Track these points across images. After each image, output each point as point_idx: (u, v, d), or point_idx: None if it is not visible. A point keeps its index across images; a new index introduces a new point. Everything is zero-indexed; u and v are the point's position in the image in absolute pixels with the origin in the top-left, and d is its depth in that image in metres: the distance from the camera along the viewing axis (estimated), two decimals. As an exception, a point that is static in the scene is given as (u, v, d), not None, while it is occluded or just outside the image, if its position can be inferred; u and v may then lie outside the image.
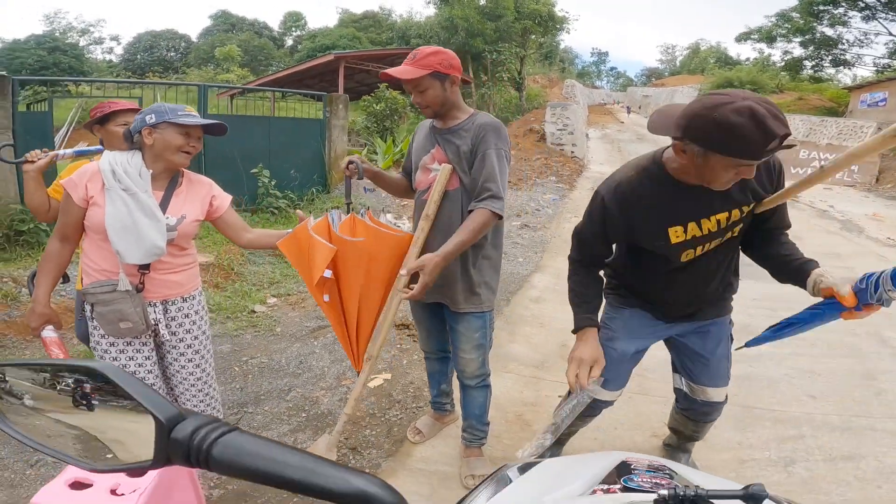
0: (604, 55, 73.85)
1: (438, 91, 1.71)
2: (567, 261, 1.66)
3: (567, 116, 12.11)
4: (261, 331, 3.48)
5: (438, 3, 25.58)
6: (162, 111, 1.59)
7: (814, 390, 2.69)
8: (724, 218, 1.39)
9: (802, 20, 21.18)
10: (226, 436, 0.43)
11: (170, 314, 1.73)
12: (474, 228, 1.65)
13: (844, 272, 4.66)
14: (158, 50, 38.53)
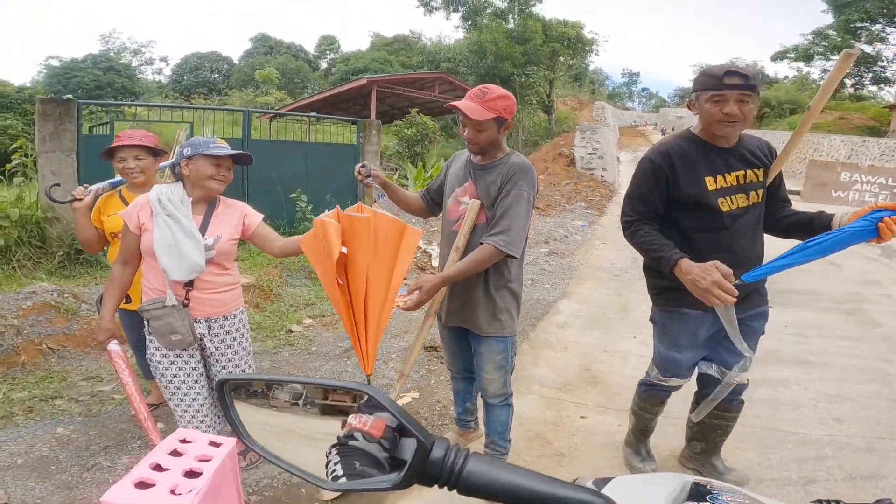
0: (635, 76, 73.10)
1: (493, 134, 1.82)
2: (621, 229, 1.87)
3: (597, 140, 12.00)
4: (297, 349, 3.66)
5: (467, 27, 26.20)
6: (196, 144, 1.83)
7: (839, 413, 2.70)
8: (741, 175, 1.76)
9: (839, 38, 20.64)
10: (470, 458, 0.46)
11: (213, 330, 1.93)
12: (477, 260, 1.78)
13: (883, 298, 4.57)
14: (203, 71, 40.19)
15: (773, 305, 4.42)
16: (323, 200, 6.15)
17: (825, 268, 5.86)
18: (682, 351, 1.92)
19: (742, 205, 1.77)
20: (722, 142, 1.76)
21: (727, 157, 1.76)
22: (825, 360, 3.38)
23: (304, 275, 5.08)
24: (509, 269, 1.90)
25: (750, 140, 1.84)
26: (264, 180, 5.75)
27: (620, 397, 2.90)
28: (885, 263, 6.21)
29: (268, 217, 6.19)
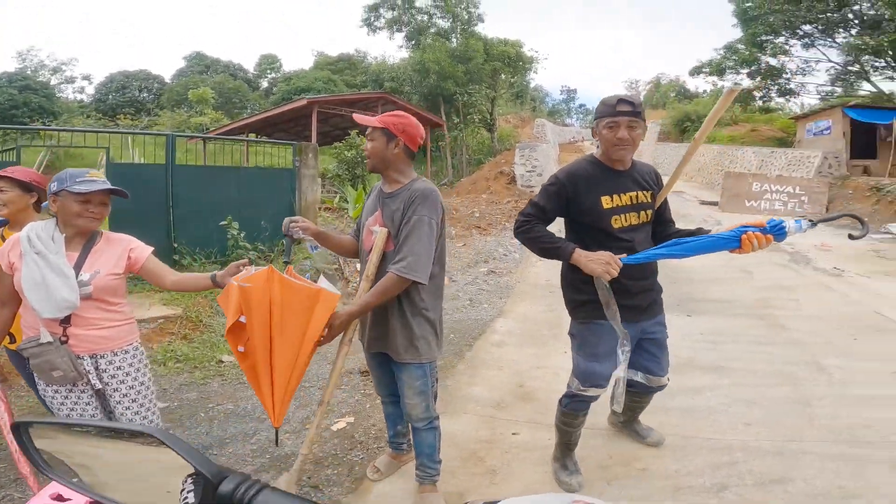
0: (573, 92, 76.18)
1: (380, 146, 1.89)
2: (515, 226, 2.09)
3: (536, 157, 12.44)
4: (228, 379, 3.56)
5: (411, 46, 26.61)
6: (62, 179, 1.76)
7: (749, 418, 2.85)
8: (633, 196, 2.02)
9: (747, 51, 21.83)
10: (262, 492, 0.48)
11: (101, 367, 1.87)
12: (381, 290, 1.82)
13: (790, 303, 4.95)
14: (130, 90, 38.18)
15: (690, 314, 4.74)
16: (257, 227, 5.99)
17: (737, 275, 6.32)
18: (600, 360, 2.07)
19: (633, 223, 2.03)
20: (618, 165, 2.02)
21: (623, 179, 2.03)
22: (737, 365, 3.58)
23: (237, 304, 4.91)
24: (421, 296, 1.93)
25: (642, 166, 2.13)
26: (192, 207, 5.53)
27: (551, 412, 2.89)
28: (793, 269, 6.74)
29: (198, 245, 5.99)
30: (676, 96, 41.62)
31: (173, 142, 5.54)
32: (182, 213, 5.50)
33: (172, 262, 5.43)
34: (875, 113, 14.94)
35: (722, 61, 23.37)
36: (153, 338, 4.14)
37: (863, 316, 4.66)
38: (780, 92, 23.13)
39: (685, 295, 5.16)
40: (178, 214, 5.46)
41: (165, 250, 5.43)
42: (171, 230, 5.43)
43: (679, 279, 5.35)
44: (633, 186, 2.03)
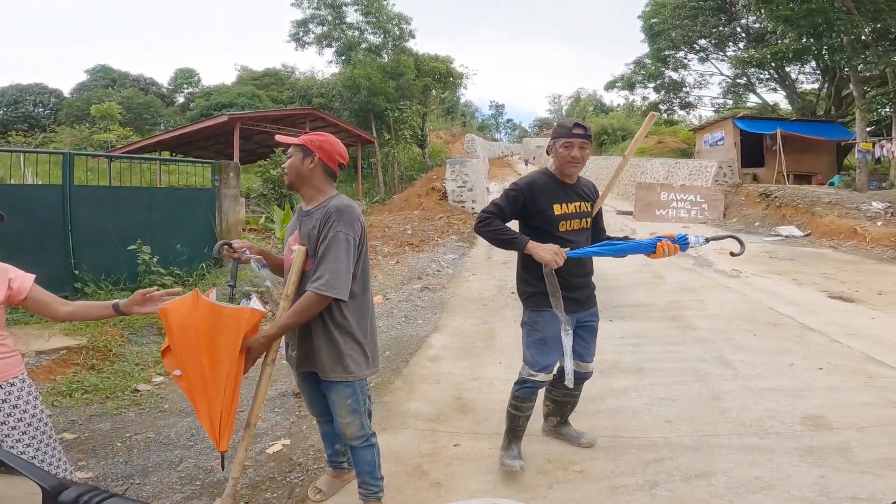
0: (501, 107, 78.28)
1: (297, 162, 1.88)
2: (477, 221, 2.32)
3: (466, 173, 12.65)
4: (146, 408, 3.36)
5: (341, 62, 26.38)
6: None
7: (669, 415, 3.02)
8: (577, 206, 2.37)
9: (653, 66, 23.50)
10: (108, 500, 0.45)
11: None
12: (298, 311, 1.79)
13: (697, 304, 5.35)
14: (24, 105, 34.74)
15: (613, 319, 5.01)
16: (172, 251, 5.59)
17: (652, 280, 6.81)
18: (547, 343, 2.35)
19: (576, 227, 2.38)
20: (568, 179, 2.38)
21: (570, 190, 2.38)
22: (655, 365, 3.79)
23: (152, 332, 4.56)
24: (343, 314, 1.89)
25: (585, 181, 2.49)
26: (96, 231, 5.07)
27: (490, 422, 3.01)
28: (697, 272, 7.35)
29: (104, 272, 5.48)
30: (594, 110, 44.19)
31: (71, 160, 5.05)
32: (83, 237, 5.01)
33: (74, 290, 4.93)
34: (761, 123, 16.72)
35: (632, 76, 25.07)
36: (55, 369, 3.80)
37: (759, 312, 5.13)
38: (682, 105, 25.17)
39: (607, 300, 5.44)
40: (78, 239, 4.97)
41: (64, 278, 4.91)
42: (69, 256, 4.93)
43: (601, 286, 5.61)
44: (577, 198, 2.39)
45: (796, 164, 15.61)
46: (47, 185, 5.00)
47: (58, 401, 3.34)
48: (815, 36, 14.69)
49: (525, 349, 2.43)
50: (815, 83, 20.04)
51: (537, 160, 35.95)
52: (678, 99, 24.94)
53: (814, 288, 6.10)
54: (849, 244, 9.27)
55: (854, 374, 3.47)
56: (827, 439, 2.65)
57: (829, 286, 6.13)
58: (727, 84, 23.39)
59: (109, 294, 5.00)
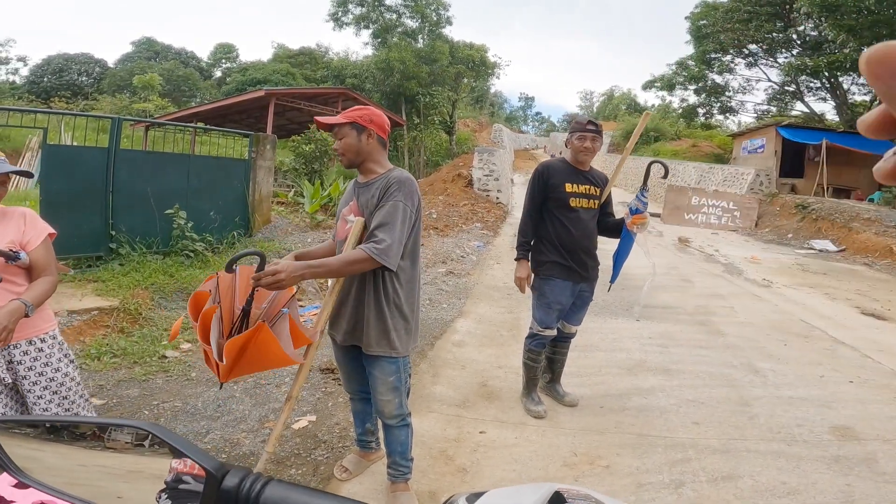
0: (530, 100, 77.44)
1: (353, 140, 1.85)
2: (520, 232, 2.93)
3: (493, 162, 12.51)
4: (173, 376, 3.35)
5: (377, 44, 26.32)
6: None
7: (697, 417, 3.01)
8: (586, 188, 2.84)
9: (697, 68, 22.70)
10: (269, 485, 0.46)
11: (14, 358, 1.72)
12: (346, 260, 1.73)
13: (726, 310, 5.30)
14: (69, 74, 35.60)
15: (639, 319, 4.97)
16: (206, 217, 5.69)
17: (680, 284, 6.70)
18: (552, 307, 2.85)
19: (585, 206, 2.83)
20: (581, 166, 2.87)
21: (582, 175, 2.87)
22: (683, 367, 3.77)
23: (181, 297, 4.63)
24: (395, 287, 1.89)
25: (597, 171, 2.96)
26: (135, 194, 5.18)
27: (515, 411, 3.02)
28: (727, 279, 7.20)
29: (139, 234, 5.62)
30: (627, 109, 43.32)
31: (119, 125, 5.16)
32: (123, 199, 5.13)
33: (109, 249, 5.07)
34: (806, 133, 16.04)
35: (673, 77, 24.28)
36: (85, 331, 3.82)
37: (790, 323, 5.04)
38: (722, 109, 24.33)
39: (633, 300, 5.41)
40: (117, 201, 5.09)
41: (100, 237, 5.05)
42: (108, 217, 5.05)
43: (629, 286, 5.58)
44: (587, 182, 2.86)
45: (837, 177, 15.03)
46: (94, 147, 5.11)
47: (86, 364, 3.34)
48: (876, 47, 14.04)
49: (534, 309, 2.94)
50: (868, 95, 19.18)
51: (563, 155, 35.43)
52: (719, 103, 24.13)
53: (846, 303, 5.97)
54: (884, 262, 8.99)
55: (884, 389, 3.46)
56: (854, 449, 2.66)
57: (861, 303, 6.00)
58: (773, 91, 22.54)
59: (142, 256, 5.12)
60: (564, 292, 2.85)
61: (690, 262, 8.57)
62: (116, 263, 4.93)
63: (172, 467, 0.51)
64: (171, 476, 0.51)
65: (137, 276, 4.72)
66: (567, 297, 2.87)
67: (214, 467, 0.46)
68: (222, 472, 0.46)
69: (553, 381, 3.22)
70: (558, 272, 2.82)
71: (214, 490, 0.45)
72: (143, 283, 4.59)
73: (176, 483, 0.51)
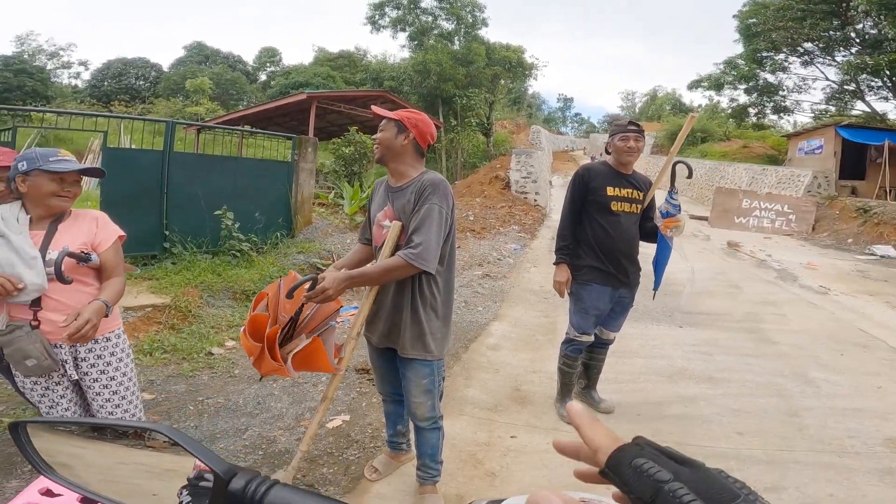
0: (569, 101, 76.60)
1: (391, 136, 1.87)
2: (559, 236, 2.87)
3: (531, 164, 12.31)
4: (218, 372, 3.47)
5: (413, 47, 26.61)
6: (32, 158, 1.67)
7: (741, 427, 2.90)
8: (629, 192, 2.76)
9: (747, 67, 21.79)
10: (273, 488, 0.47)
11: (79, 356, 1.77)
12: (385, 268, 1.78)
13: (778, 318, 5.07)
14: (127, 78, 37.75)
15: (682, 325, 4.82)
16: (251, 218, 5.91)
17: (727, 290, 6.42)
18: (589, 312, 2.81)
19: (626, 209, 2.76)
20: (623, 169, 2.79)
21: (624, 179, 2.79)
22: (728, 376, 3.63)
23: (227, 296, 4.83)
24: (432, 290, 1.90)
25: (640, 175, 2.89)
26: (187, 195, 5.44)
27: (548, 416, 2.99)
28: (780, 286, 6.84)
29: (190, 234, 5.86)
30: (672, 109, 42.07)
31: (172, 128, 5.45)
32: (176, 200, 5.40)
33: (163, 248, 5.35)
34: (867, 133, 15.06)
35: (721, 76, 23.36)
36: (140, 327, 4.01)
37: (848, 333, 4.75)
38: (775, 109, 23.19)
39: (676, 306, 5.23)
40: (171, 201, 5.36)
41: (156, 237, 5.33)
42: (163, 217, 5.33)
43: (671, 292, 5.40)
44: (630, 186, 2.78)
45: (902, 178, 14.03)
46: (150, 150, 5.41)
47: (139, 359, 3.46)
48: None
49: (571, 314, 2.90)
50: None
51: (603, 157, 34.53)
52: (772, 103, 22.97)
53: (909, 312, 5.56)
54: (952, 270, 8.31)
55: (945, 404, 3.23)
56: (909, 462, 2.51)
57: (927, 313, 5.57)
58: (832, 90, 21.27)
59: (192, 255, 5.37)
60: (603, 298, 2.79)
61: (740, 267, 8.21)
62: (169, 262, 5.18)
63: (197, 465, 0.53)
64: (194, 473, 0.53)
65: (188, 274, 4.94)
66: (605, 302, 2.81)
67: (223, 469, 0.47)
68: (230, 474, 0.47)
69: (589, 388, 3.16)
70: (597, 277, 2.76)
71: (222, 492, 0.47)
72: (193, 281, 4.79)
73: (198, 480, 0.53)
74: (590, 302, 2.80)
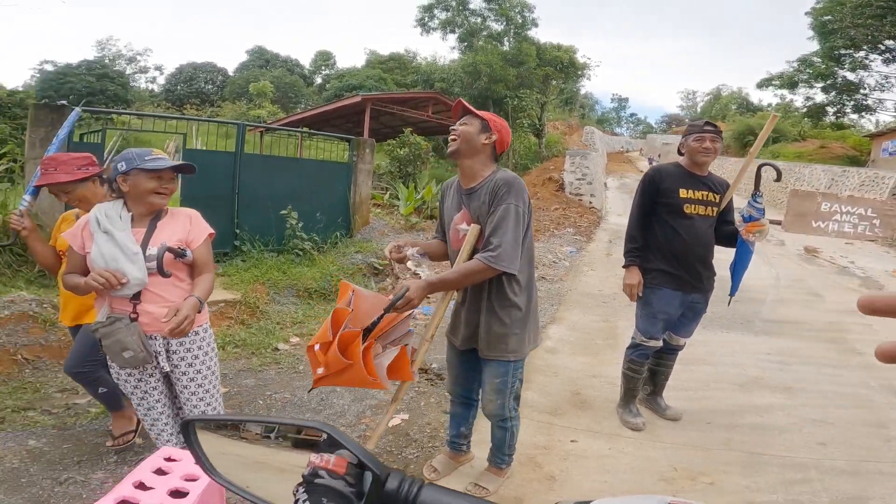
0: (624, 101, 74.61)
1: (473, 132, 1.86)
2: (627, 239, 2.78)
3: (586, 165, 12.02)
4: (284, 368, 3.61)
5: (463, 48, 26.66)
6: (130, 158, 1.77)
7: (824, 438, 2.75)
8: (703, 194, 2.65)
9: (824, 65, 20.73)
10: (424, 488, 0.48)
11: (171, 348, 1.85)
12: (464, 271, 1.78)
13: (863, 328, 4.72)
14: (197, 82, 39.77)
15: (756, 334, 4.58)
16: (313, 218, 6.13)
17: (806, 297, 6.02)
18: (657, 317, 2.73)
19: (702, 213, 2.66)
20: (697, 170, 2.68)
21: (699, 181, 2.68)
22: (808, 386, 3.44)
23: (291, 293, 5.05)
24: (513, 290, 1.89)
25: (716, 177, 2.78)
26: (255, 195, 5.73)
27: (609, 421, 2.93)
28: (864, 294, 6.33)
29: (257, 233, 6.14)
30: (738, 109, 39.96)
31: (243, 131, 5.75)
32: (246, 200, 5.69)
33: (233, 246, 5.65)
34: (959, 132, 13.79)
35: (794, 74, 22.13)
36: (213, 321, 4.14)
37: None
38: (856, 108, 21.64)
39: (751, 313, 4.99)
40: (242, 201, 5.66)
41: (227, 236, 5.64)
42: (234, 216, 5.63)
43: (742, 298, 5.13)
44: (705, 188, 2.68)
45: None
46: (224, 152, 5.75)
47: None
48: None
49: (638, 319, 2.83)
50: None
51: (663, 158, 33.19)
52: (852, 101, 21.40)
53: None
54: None
55: None
56: None
57: None
58: (918, 88, 19.57)
59: (260, 253, 5.64)
60: (672, 302, 2.71)
61: (819, 274, 7.67)
62: (239, 259, 5.48)
63: (311, 461, 0.54)
64: (308, 470, 0.54)
65: (256, 271, 5.20)
66: (675, 307, 2.73)
67: (380, 469, 0.48)
68: (385, 474, 0.49)
69: (654, 394, 3.07)
70: (666, 281, 2.69)
71: (378, 491, 0.48)
72: (260, 278, 5.04)
73: (313, 477, 0.54)
74: (658, 306, 2.72)
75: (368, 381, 1.70)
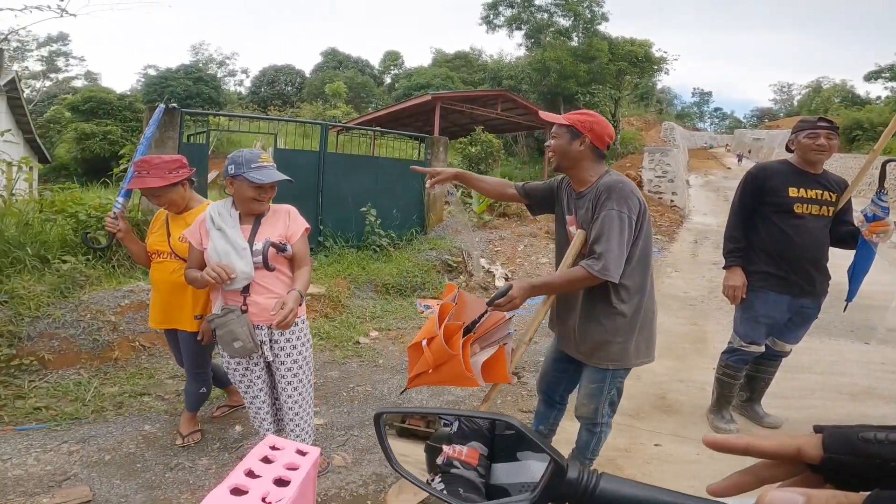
0: (707, 95, 70.27)
1: (565, 143, 1.81)
2: (730, 241, 2.66)
3: (667, 163, 11.49)
4: (365, 361, 3.72)
5: (530, 45, 26.23)
6: (239, 163, 1.87)
7: None
8: (817, 193, 2.50)
9: None
10: (602, 477, 0.49)
11: (274, 338, 1.97)
12: (567, 278, 1.75)
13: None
14: (278, 84, 41.93)
15: (868, 342, 4.19)
16: (390, 215, 6.30)
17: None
18: (760, 321, 2.60)
19: (815, 212, 2.51)
20: (810, 168, 2.53)
21: (812, 179, 2.53)
22: None
23: (370, 288, 5.20)
24: (619, 298, 1.82)
25: (833, 175, 2.60)
26: (337, 193, 5.98)
27: (697, 427, 2.82)
28: None
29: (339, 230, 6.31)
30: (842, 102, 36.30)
31: (325, 131, 6.02)
32: (329, 197, 5.94)
33: (317, 243, 5.95)
34: None
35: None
36: None
37: None
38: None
39: (862, 321, 4.55)
40: (325, 199, 5.92)
41: (313, 232, 5.90)
42: (318, 213, 5.92)
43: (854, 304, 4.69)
44: (819, 186, 2.51)
45: None
46: (309, 151, 6.06)
47: None
48: None
49: (738, 322, 2.70)
50: None
51: (753, 154, 30.79)
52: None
53: None
54: None
55: None
56: None
57: None
58: None
59: (341, 249, 5.88)
60: (779, 306, 2.59)
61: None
62: (322, 255, 5.74)
63: (444, 452, 0.55)
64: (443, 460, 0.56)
65: (338, 266, 5.42)
66: (781, 311, 2.61)
67: (562, 460, 0.50)
68: (565, 464, 0.50)
69: (751, 401, 2.95)
70: (773, 284, 2.57)
71: (560, 480, 0.49)
72: (342, 273, 5.24)
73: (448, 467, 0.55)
74: (762, 310, 2.60)
75: (465, 376, 1.69)
